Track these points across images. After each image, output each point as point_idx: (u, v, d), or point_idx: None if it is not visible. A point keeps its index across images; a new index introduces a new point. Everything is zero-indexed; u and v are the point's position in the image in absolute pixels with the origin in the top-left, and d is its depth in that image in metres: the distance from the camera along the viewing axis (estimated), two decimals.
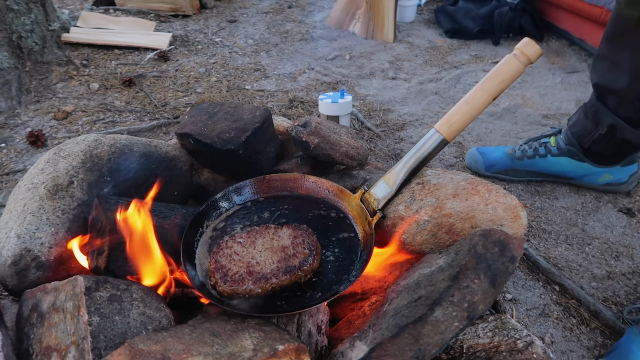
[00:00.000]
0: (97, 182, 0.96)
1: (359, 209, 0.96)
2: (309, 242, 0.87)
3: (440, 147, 0.90)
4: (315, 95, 2.01)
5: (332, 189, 1.03)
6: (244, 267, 0.83)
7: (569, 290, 1.10)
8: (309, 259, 0.84)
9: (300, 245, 0.86)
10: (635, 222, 1.31)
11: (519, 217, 0.86)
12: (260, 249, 0.86)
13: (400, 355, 0.67)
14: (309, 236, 0.89)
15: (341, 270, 0.87)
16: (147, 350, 0.62)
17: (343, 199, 1.00)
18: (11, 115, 1.78)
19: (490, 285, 0.71)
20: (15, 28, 1.88)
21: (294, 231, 0.90)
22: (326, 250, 0.91)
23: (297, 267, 0.83)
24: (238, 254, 0.86)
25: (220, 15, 2.89)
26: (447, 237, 0.86)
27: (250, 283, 0.80)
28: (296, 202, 1.04)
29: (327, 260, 0.89)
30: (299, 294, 0.82)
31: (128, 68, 2.18)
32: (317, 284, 0.84)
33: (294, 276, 0.82)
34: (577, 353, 0.98)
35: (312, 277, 0.85)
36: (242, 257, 0.85)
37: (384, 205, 0.93)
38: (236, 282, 0.80)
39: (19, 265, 0.84)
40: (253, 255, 0.85)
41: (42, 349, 0.73)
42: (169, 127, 1.74)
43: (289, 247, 0.86)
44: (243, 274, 0.81)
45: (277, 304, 0.80)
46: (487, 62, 2.33)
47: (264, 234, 0.90)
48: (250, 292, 0.80)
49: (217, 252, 0.87)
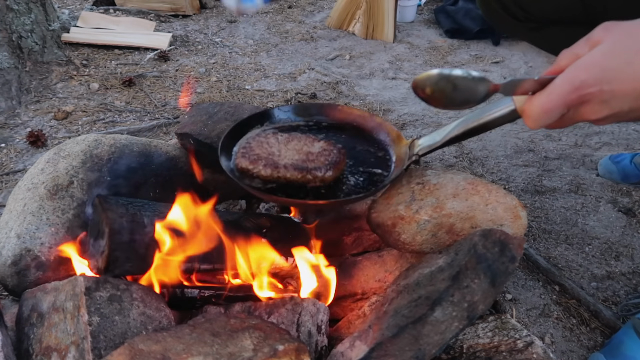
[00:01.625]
0: (97, 182, 0.96)
1: (403, 154, 0.97)
2: (334, 156, 0.91)
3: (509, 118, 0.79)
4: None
5: (391, 134, 1.05)
6: (265, 153, 0.90)
7: (569, 290, 1.10)
8: (323, 168, 0.88)
9: (324, 156, 0.90)
10: (635, 222, 1.31)
11: (519, 217, 0.86)
12: (290, 147, 0.93)
13: (400, 355, 0.67)
14: (337, 153, 0.92)
15: (351, 194, 0.90)
16: (147, 350, 0.62)
17: (396, 143, 1.03)
18: (11, 115, 1.78)
19: (490, 285, 0.71)
20: (15, 28, 1.88)
21: (328, 145, 0.94)
22: (352, 175, 0.95)
23: (307, 169, 0.87)
24: (269, 144, 0.93)
25: (220, 15, 2.89)
26: (447, 237, 0.86)
27: (261, 165, 0.88)
28: (356, 135, 1.08)
29: (346, 182, 0.93)
30: (301, 195, 0.88)
31: (128, 68, 2.18)
32: (321, 195, 0.89)
33: (302, 176, 0.87)
34: (577, 353, 0.98)
35: (322, 188, 0.90)
36: (270, 147, 0.92)
37: (426, 152, 0.92)
38: (252, 161, 0.88)
39: (19, 265, 0.84)
40: (280, 149, 0.92)
41: (42, 349, 0.73)
42: (169, 127, 1.74)
43: (313, 154, 0.91)
44: (261, 157, 0.89)
45: (277, 194, 0.88)
46: (487, 62, 2.33)
47: (301, 140, 0.96)
48: (258, 173, 0.87)
49: (254, 137, 0.96)
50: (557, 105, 0.57)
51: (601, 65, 0.55)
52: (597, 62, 0.55)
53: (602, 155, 1.57)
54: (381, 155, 1.02)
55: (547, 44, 1.22)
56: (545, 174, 1.52)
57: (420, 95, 0.69)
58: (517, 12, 1.13)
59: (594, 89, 0.55)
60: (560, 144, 1.68)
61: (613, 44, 0.55)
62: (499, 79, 2.13)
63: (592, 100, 0.56)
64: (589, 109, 0.57)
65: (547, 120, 0.59)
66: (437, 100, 0.68)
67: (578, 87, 0.55)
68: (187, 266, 0.88)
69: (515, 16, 1.14)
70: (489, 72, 2.21)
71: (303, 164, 0.88)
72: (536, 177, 1.50)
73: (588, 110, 0.57)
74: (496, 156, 1.62)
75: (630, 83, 0.54)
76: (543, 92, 0.59)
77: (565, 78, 0.56)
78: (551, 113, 0.58)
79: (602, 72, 0.54)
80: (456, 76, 0.64)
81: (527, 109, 0.61)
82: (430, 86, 0.66)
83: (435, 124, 1.81)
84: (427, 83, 0.66)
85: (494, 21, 1.24)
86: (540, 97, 0.59)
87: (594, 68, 0.55)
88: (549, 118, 0.59)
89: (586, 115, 0.58)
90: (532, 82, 0.61)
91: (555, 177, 1.50)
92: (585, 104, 0.57)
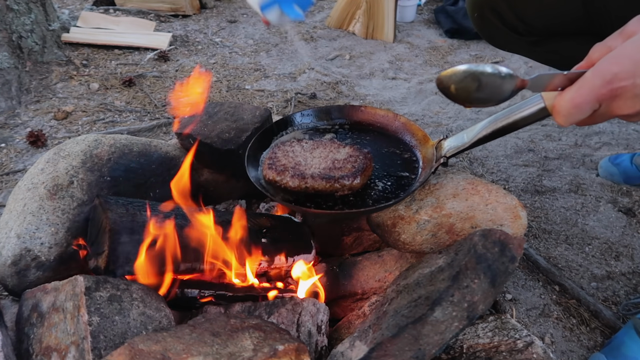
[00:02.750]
0: (97, 182, 0.96)
1: (430, 155, 0.95)
2: (361, 162, 0.90)
3: (538, 116, 0.76)
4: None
5: (417, 134, 1.04)
6: (292, 162, 0.90)
7: (569, 290, 1.10)
8: (350, 176, 0.87)
9: (351, 163, 0.89)
10: (635, 222, 1.31)
11: (519, 217, 0.86)
12: (316, 155, 0.92)
13: (400, 355, 0.67)
14: (364, 159, 0.91)
15: (381, 200, 0.89)
16: (147, 350, 0.62)
17: (422, 144, 1.01)
18: (11, 115, 1.78)
19: (490, 285, 0.71)
20: (15, 28, 1.88)
21: (354, 151, 0.93)
22: (379, 180, 0.94)
23: (335, 178, 0.86)
24: (295, 153, 0.93)
25: (220, 15, 2.89)
26: (447, 237, 0.86)
27: (289, 176, 0.87)
28: (380, 136, 1.07)
29: (374, 188, 0.92)
30: (330, 204, 0.87)
31: (128, 68, 2.18)
32: (351, 203, 0.87)
33: (330, 185, 0.86)
34: (577, 353, 0.98)
35: (350, 195, 0.89)
36: (295, 156, 0.92)
37: (454, 154, 0.89)
38: (278, 171, 0.88)
39: (19, 265, 0.84)
40: (306, 158, 0.91)
41: (42, 349, 0.73)
42: (169, 127, 1.74)
43: (340, 162, 0.90)
44: (288, 167, 0.88)
45: (306, 204, 0.87)
46: (487, 62, 2.33)
47: (327, 146, 0.95)
48: (286, 184, 0.87)
49: (279, 146, 0.95)
50: (588, 99, 0.55)
51: (634, 58, 0.52)
52: (629, 54, 0.52)
53: (602, 155, 1.57)
54: (407, 157, 1.00)
55: (549, 58, 1.18)
56: (545, 174, 1.52)
57: (444, 92, 0.66)
58: (518, 26, 1.08)
59: (626, 82, 0.52)
60: (560, 143, 1.68)
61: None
62: None
63: (624, 95, 0.53)
64: (621, 104, 0.54)
65: (578, 116, 0.56)
66: (462, 97, 0.66)
67: (610, 81, 0.53)
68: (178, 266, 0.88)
69: (516, 30, 1.10)
70: None
71: (330, 173, 0.87)
72: (536, 177, 1.50)
73: (621, 105, 0.55)
74: (496, 156, 1.62)
75: None
76: (573, 87, 0.56)
77: (597, 71, 0.54)
78: (582, 108, 0.56)
79: (635, 65, 0.52)
80: (483, 73, 0.61)
81: (557, 104, 0.58)
82: (455, 84, 0.63)
83: (436, 124, 1.81)
84: (452, 80, 0.64)
85: (490, 35, 1.18)
86: (570, 92, 0.57)
87: (626, 60, 0.52)
88: (581, 114, 0.56)
89: (618, 110, 0.55)
90: (562, 77, 0.59)
91: (555, 177, 1.50)
92: (618, 98, 0.54)
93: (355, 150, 0.94)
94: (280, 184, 0.87)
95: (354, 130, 1.09)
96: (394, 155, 1.01)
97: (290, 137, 1.06)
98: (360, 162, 0.90)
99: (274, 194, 0.89)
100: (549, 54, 1.15)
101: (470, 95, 0.65)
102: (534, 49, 1.14)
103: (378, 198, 0.89)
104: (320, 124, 1.10)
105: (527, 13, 1.05)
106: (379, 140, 1.06)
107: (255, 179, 0.92)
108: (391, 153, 1.02)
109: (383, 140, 1.06)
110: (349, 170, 0.88)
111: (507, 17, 1.07)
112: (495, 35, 1.16)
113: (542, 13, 1.04)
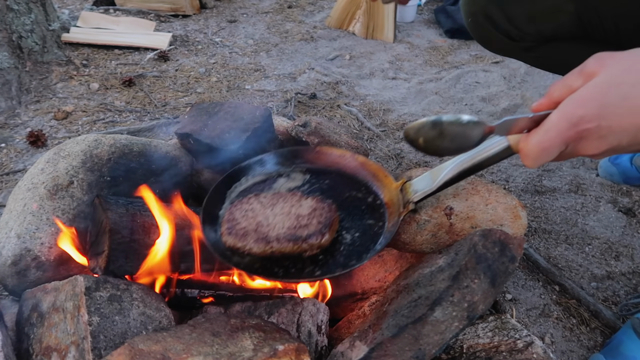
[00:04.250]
0: (97, 182, 0.96)
1: (395, 198, 0.90)
2: (326, 217, 0.83)
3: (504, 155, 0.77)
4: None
5: (378, 175, 0.98)
6: (253, 224, 0.81)
7: (569, 290, 1.10)
8: (318, 234, 0.80)
9: (316, 218, 0.82)
10: (635, 222, 1.31)
11: (519, 217, 0.86)
12: (277, 212, 0.84)
13: (400, 355, 0.67)
14: (329, 212, 0.84)
15: (352, 255, 0.82)
16: (147, 350, 0.62)
17: (385, 185, 0.95)
18: (11, 115, 1.78)
19: (490, 285, 0.71)
20: (15, 28, 1.88)
21: (317, 203, 0.86)
22: (347, 232, 0.87)
23: (303, 239, 0.79)
24: (254, 211, 0.84)
25: (220, 15, 2.89)
26: (447, 237, 0.86)
27: (252, 241, 0.79)
28: (339, 179, 1.00)
29: (343, 242, 0.85)
30: (299, 266, 0.80)
31: (128, 68, 2.18)
32: (321, 262, 0.81)
33: (297, 247, 0.79)
34: (577, 353, 0.98)
35: (320, 254, 0.82)
36: (255, 216, 0.83)
37: (420, 199, 0.86)
38: (239, 236, 0.79)
39: (19, 265, 0.84)
40: (267, 216, 0.83)
41: (42, 349, 0.73)
42: (169, 127, 1.74)
43: (304, 217, 0.83)
44: (249, 231, 0.80)
45: (273, 270, 0.79)
46: (487, 62, 2.33)
47: (287, 200, 0.87)
48: (249, 250, 0.78)
49: (236, 205, 0.87)
50: (555, 143, 0.56)
51: (598, 100, 0.53)
52: (593, 96, 0.54)
53: None
54: (371, 201, 0.94)
55: (543, 62, 1.18)
56: (545, 174, 1.52)
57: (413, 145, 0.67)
58: (511, 31, 1.08)
59: (591, 125, 0.54)
60: None
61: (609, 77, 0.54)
62: (500, 79, 2.13)
63: (590, 136, 0.55)
64: (587, 145, 0.56)
65: (546, 158, 0.58)
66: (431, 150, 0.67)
67: (576, 124, 0.54)
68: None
69: (509, 35, 1.09)
70: (489, 72, 2.21)
71: (297, 233, 0.80)
72: (536, 177, 1.50)
73: (586, 146, 0.56)
74: None
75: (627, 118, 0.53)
76: (539, 130, 0.57)
77: (562, 114, 0.55)
78: (550, 151, 0.57)
79: (599, 107, 0.53)
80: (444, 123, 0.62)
81: (524, 148, 0.59)
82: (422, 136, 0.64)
83: None
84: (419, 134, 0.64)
85: (485, 40, 1.18)
86: (537, 135, 0.57)
87: (590, 103, 0.54)
88: (549, 156, 0.57)
89: (584, 150, 0.57)
90: (527, 120, 0.60)
91: (555, 177, 1.50)
92: (584, 140, 0.55)
93: (318, 201, 0.87)
94: (243, 250, 0.79)
95: (311, 173, 1.01)
96: (357, 201, 0.95)
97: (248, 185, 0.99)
98: (325, 215, 0.83)
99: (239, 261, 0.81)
100: (543, 59, 1.15)
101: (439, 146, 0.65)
102: (527, 54, 1.14)
103: (349, 254, 0.83)
104: (274, 170, 1.03)
105: (519, 19, 1.05)
106: (339, 183, 0.99)
107: (214, 245, 0.83)
108: (353, 198, 0.96)
109: (343, 183, 0.99)
110: (316, 227, 0.81)
111: (500, 23, 1.07)
112: (489, 40, 1.16)
113: (535, 19, 1.04)
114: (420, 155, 1.62)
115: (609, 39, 0.98)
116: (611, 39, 0.98)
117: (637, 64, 0.53)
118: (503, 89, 2.05)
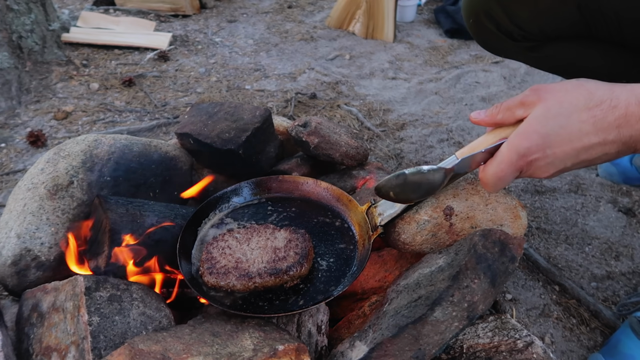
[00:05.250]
0: (97, 182, 0.96)
1: (363, 221, 0.94)
2: (302, 247, 0.86)
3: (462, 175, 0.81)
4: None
5: (342, 198, 1.01)
6: (232, 262, 0.83)
7: (569, 290, 1.10)
8: (297, 265, 0.83)
9: (292, 250, 0.85)
10: (635, 222, 1.31)
11: (519, 217, 0.86)
12: (254, 247, 0.86)
13: (400, 355, 0.67)
14: (304, 242, 0.87)
15: (331, 281, 0.86)
16: (147, 350, 0.62)
17: (351, 209, 0.99)
18: (11, 115, 1.78)
19: (490, 285, 0.71)
20: (15, 28, 1.88)
21: (291, 234, 0.89)
22: (321, 258, 0.90)
23: (284, 271, 0.82)
24: (231, 248, 0.86)
25: (220, 15, 2.89)
26: (447, 237, 0.86)
27: (234, 279, 0.80)
28: (305, 206, 1.03)
29: (319, 268, 0.88)
30: (282, 297, 0.82)
31: (128, 68, 2.18)
32: (302, 291, 0.83)
33: (279, 279, 0.82)
34: (577, 353, 0.98)
35: (300, 284, 0.84)
36: (233, 252, 0.85)
37: (388, 222, 0.89)
38: (221, 275, 0.81)
39: (19, 265, 0.85)
40: (244, 252, 0.85)
41: (42, 349, 0.73)
42: (169, 127, 1.74)
43: (281, 250, 0.85)
44: (229, 269, 0.82)
45: (258, 304, 0.80)
46: (487, 62, 2.33)
47: (261, 233, 0.89)
48: (232, 287, 0.80)
49: (211, 243, 0.88)
50: (508, 172, 0.65)
51: (540, 132, 0.62)
52: (536, 129, 0.62)
53: None
54: (339, 225, 0.97)
55: (545, 63, 1.18)
56: None
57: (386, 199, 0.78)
58: (513, 31, 1.07)
59: (538, 154, 0.63)
60: None
61: (546, 110, 0.62)
62: (499, 79, 2.13)
63: (538, 163, 0.64)
64: (537, 170, 0.65)
65: (503, 185, 0.68)
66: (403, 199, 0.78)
67: (524, 155, 0.63)
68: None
69: (512, 36, 1.09)
70: (489, 72, 2.21)
71: (277, 266, 0.82)
72: None
73: (537, 171, 0.65)
74: None
75: (568, 144, 0.61)
76: (494, 162, 0.67)
77: (511, 147, 0.64)
78: (505, 179, 0.66)
79: (542, 138, 0.62)
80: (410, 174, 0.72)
81: (484, 177, 0.69)
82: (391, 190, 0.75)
83: (436, 124, 1.81)
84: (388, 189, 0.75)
85: (486, 41, 1.18)
86: (492, 166, 0.67)
87: (534, 135, 0.62)
88: (504, 183, 0.67)
89: (536, 175, 0.66)
90: (481, 154, 0.70)
91: (555, 177, 1.50)
92: (533, 166, 0.65)
93: (291, 232, 0.89)
94: (225, 288, 0.81)
95: (276, 202, 1.04)
96: (326, 226, 0.97)
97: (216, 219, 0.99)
98: (301, 246, 0.86)
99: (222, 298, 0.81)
100: (545, 60, 1.15)
101: (409, 196, 0.77)
102: (529, 54, 1.14)
103: (328, 280, 0.86)
104: (240, 202, 1.03)
105: (522, 18, 1.05)
106: (306, 210, 1.01)
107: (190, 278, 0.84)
108: (322, 223, 0.98)
109: (310, 210, 1.01)
110: (294, 259, 0.83)
111: (502, 22, 1.07)
112: (491, 41, 1.16)
113: (538, 18, 1.04)
114: (421, 156, 1.62)
115: (612, 36, 0.98)
116: (614, 36, 0.98)
117: (568, 97, 0.61)
118: (503, 89, 2.05)
